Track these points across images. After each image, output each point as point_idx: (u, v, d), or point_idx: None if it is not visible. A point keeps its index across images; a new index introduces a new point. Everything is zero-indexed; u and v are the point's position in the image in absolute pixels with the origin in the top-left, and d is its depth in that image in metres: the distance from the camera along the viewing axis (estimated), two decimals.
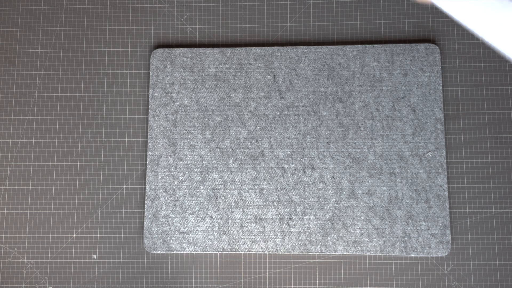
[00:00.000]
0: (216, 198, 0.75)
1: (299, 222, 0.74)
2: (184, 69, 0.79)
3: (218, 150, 0.77)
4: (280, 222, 0.74)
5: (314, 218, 0.74)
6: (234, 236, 0.74)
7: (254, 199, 0.75)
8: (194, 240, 0.75)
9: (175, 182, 0.76)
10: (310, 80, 0.78)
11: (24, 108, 0.81)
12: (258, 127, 0.77)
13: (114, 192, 0.78)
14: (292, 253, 0.74)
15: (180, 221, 0.75)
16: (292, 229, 0.74)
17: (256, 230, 0.74)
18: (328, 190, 0.75)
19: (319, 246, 0.73)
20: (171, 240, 0.75)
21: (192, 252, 0.75)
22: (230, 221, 0.75)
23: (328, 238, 0.73)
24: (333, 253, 0.73)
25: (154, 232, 0.75)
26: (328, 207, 0.74)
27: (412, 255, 0.73)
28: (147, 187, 0.76)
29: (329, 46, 0.78)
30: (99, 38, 0.82)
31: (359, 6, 0.81)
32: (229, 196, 0.75)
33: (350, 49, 0.78)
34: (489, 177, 0.75)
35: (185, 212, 0.75)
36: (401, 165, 0.75)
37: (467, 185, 0.75)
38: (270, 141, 0.76)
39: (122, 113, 0.80)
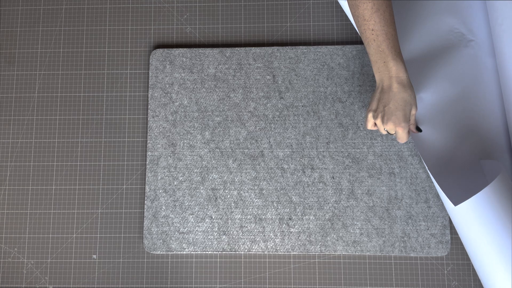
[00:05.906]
0: (216, 199, 0.75)
1: (299, 222, 0.74)
2: (183, 70, 0.79)
3: (218, 150, 0.77)
4: (279, 222, 0.74)
5: (313, 218, 0.74)
6: (234, 236, 0.74)
7: (254, 199, 0.75)
8: (194, 240, 0.75)
9: (175, 183, 0.76)
10: (310, 80, 0.77)
11: (24, 108, 0.81)
12: (258, 128, 0.77)
13: (114, 192, 0.78)
14: (292, 253, 0.74)
15: (180, 221, 0.75)
16: (291, 229, 0.74)
17: (256, 230, 0.74)
18: (328, 190, 0.75)
19: (318, 246, 0.73)
20: (171, 240, 0.75)
21: (192, 252, 0.75)
22: (229, 221, 0.75)
23: (328, 238, 0.74)
24: (333, 253, 0.73)
25: (154, 232, 0.75)
26: (328, 207, 0.74)
27: (412, 255, 0.73)
28: (147, 187, 0.76)
29: (328, 46, 0.78)
30: (99, 38, 0.82)
31: None
32: (228, 196, 0.75)
33: (350, 49, 0.78)
34: None
35: (185, 213, 0.75)
36: (400, 165, 0.75)
37: None
38: (269, 141, 0.76)
39: (122, 113, 0.80)
